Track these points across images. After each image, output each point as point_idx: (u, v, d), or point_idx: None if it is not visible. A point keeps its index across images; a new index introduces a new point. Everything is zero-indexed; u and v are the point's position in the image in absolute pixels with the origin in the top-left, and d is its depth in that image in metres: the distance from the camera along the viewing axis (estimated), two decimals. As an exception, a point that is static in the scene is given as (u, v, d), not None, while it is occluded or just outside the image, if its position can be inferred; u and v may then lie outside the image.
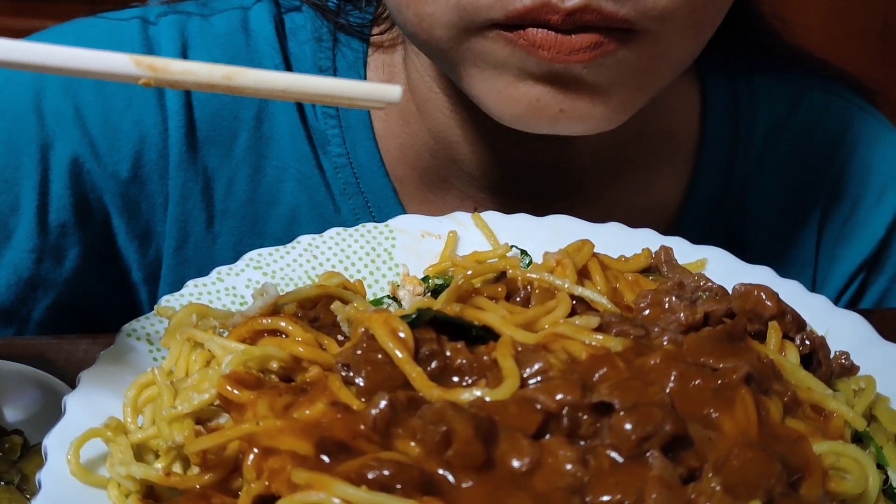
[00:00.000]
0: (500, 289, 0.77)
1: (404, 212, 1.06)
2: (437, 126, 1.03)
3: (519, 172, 1.04)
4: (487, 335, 0.70)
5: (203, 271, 0.84)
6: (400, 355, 0.65)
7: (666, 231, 1.05)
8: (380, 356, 0.65)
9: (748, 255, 0.89)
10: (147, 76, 0.59)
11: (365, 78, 1.06)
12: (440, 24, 0.84)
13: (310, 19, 1.06)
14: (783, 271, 0.87)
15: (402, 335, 0.66)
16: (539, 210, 0.93)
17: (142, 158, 1.04)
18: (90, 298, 1.09)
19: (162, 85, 0.60)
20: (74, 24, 1.06)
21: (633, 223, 0.91)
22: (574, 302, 0.75)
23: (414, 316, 0.69)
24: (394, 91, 0.61)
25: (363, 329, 0.67)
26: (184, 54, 1.03)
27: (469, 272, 0.78)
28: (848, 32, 2.27)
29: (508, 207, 1.03)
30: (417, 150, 1.05)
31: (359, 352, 0.66)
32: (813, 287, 1.13)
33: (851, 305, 1.14)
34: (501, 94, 0.85)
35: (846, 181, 1.13)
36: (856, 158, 1.13)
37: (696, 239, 0.89)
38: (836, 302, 1.11)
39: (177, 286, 0.81)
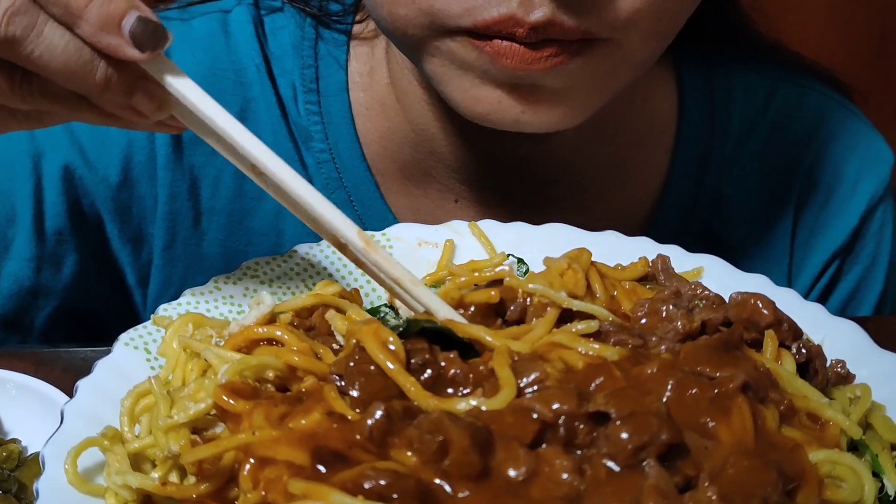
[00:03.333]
0: (493, 293, 0.76)
1: (386, 205, 1.08)
2: (416, 118, 1.04)
3: (497, 165, 1.05)
4: (480, 346, 0.70)
5: (191, 269, 0.84)
6: (391, 366, 0.65)
7: (643, 223, 1.06)
8: (372, 367, 0.65)
9: (724, 245, 0.90)
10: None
11: (346, 70, 1.07)
12: (412, 25, 0.86)
13: (292, 17, 1.08)
14: (759, 261, 0.88)
15: (392, 347, 0.66)
16: (519, 202, 0.93)
17: (131, 162, 1.05)
18: (89, 304, 1.09)
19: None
20: None
21: (612, 215, 0.92)
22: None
23: (403, 327, 0.69)
24: None
25: (354, 341, 0.68)
26: None
27: (463, 279, 0.78)
28: (846, 39, 2.28)
29: (488, 200, 1.04)
30: (398, 143, 1.07)
31: (351, 363, 0.66)
32: (788, 276, 1.14)
33: (826, 295, 1.15)
34: (467, 92, 0.87)
35: (820, 172, 1.14)
36: (830, 149, 1.15)
37: (673, 230, 0.90)
38: (811, 291, 1.13)
39: (166, 285, 0.80)
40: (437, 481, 0.58)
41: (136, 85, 0.70)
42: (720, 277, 0.87)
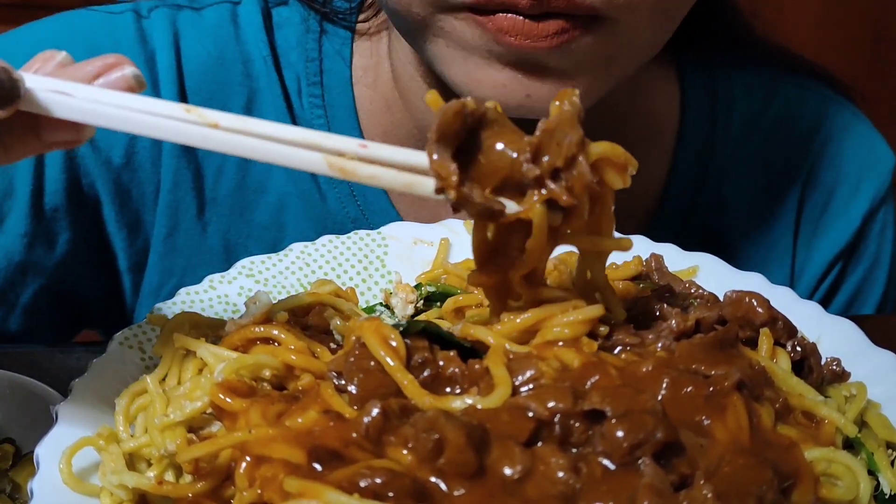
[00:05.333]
0: None
1: (389, 201, 1.08)
2: (418, 113, 1.05)
3: None
4: (481, 348, 0.70)
5: (192, 259, 0.84)
6: (391, 363, 0.65)
7: (643, 222, 1.05)
8: (372, 364, 0.65)
9: (725, 246, 0.89)
10: (337, 177, 0.64)
11: (351, 64, 1.08)
12: (416, 3, 0.86)
13: (297, 11, 1.09)
14: (760, 261, 0.87)
15: (393, 343, 0.66)
16: None
17: (135, 145, 1.05)
18: (76, 285, 1.09)
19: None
20: (68, 15, 1.07)
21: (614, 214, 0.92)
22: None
23: (404, 326, 0.69)
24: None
25: (355, 337, 0.68)
26: (176, 45, 1.05)
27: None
28: (841, 37, 2.28)
29: None
30: (400, 138, 1.07)
31: (351, 359, 0.66)
32: (791, 277, 1.15)
33: (830, 295, 1.16)
34: (470, 76, 0.87)
35: (821, 172, 1.15)
36: (830, 149, 1.15)
37: (673, 230, 0.90)
38: (814, 291, 1.13)
39: (168, 275, 0.80)
40: (433, 480, 0.58)
41: (35, 125, 0.62)
42: (716, 276, 0.87)
